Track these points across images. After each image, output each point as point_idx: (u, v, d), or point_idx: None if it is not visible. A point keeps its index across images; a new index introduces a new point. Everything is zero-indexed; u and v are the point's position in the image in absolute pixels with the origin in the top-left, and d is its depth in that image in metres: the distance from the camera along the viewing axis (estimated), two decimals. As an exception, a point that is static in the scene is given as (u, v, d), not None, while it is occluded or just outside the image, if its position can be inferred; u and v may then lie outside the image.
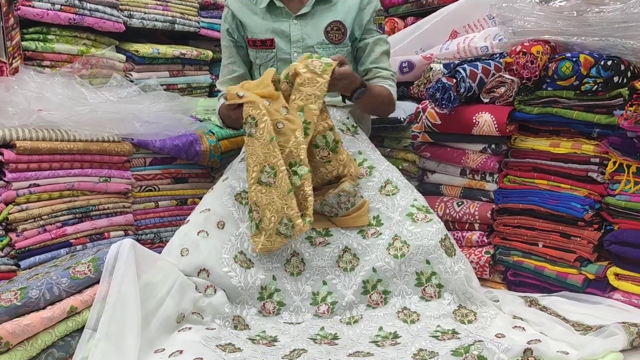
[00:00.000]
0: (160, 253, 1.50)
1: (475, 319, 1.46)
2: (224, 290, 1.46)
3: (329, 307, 1.51)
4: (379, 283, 1.52)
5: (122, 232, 1.88)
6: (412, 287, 1.51)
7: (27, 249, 1.66)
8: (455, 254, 1.54)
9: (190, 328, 1.34)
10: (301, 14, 1.82)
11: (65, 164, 1.75)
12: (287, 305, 1.51)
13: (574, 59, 1.58)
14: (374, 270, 1.52)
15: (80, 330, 1.24)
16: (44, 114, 1.75)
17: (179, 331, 1.34)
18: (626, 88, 1.52)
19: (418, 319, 1.45)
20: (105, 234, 1.85)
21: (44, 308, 1.22)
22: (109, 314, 1.22)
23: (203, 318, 1.40)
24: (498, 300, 1.57)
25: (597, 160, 1.60)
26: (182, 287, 1.38)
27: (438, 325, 1.42)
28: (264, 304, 1.50)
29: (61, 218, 1.74)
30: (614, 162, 1.55)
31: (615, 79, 1.54)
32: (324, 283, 1.55)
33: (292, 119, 1.51)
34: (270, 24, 1.83)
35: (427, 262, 1.51)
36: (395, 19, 2.64)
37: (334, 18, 1.82)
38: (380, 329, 1.43)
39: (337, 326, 1.46)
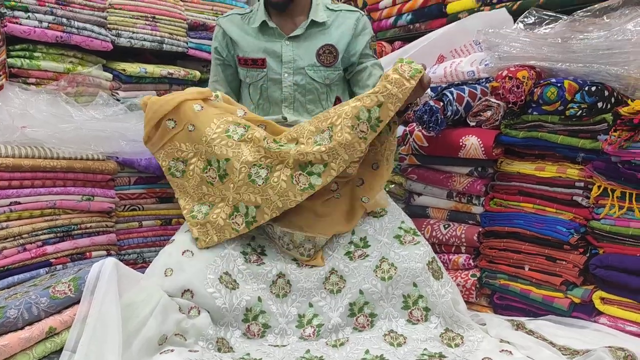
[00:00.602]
0: (143, 273, 1.47)
1: (462, 342, 1.44)
2: (208, 312, 1.43)
3: (314, 330, 1.48)
4: (366, 305, 1.50)
5: (104, 252, 1.85)
6: (399, 310, 1.50)
7: (5, 268, 1.62)
8: (442, 277, 1.54)
9: (172, 350, 1.31)
10: (294, 36, 1.84)
11: (48, 181, 1.72)
12: (272, 328, 1.48)
13: (559, 85, 1.61)
14: (360, 292, 1.50)
15: (59, 352, 1.20)
16: (28, 130, 1.72)
17: (160, 353, 1.30)
18: (610, 113, 1.54)
19: (405, 342, 1.43)
20: (87, 253, 1.80)
21: (22, 328, 1.18)
22: (89, 334, 1.18)
23: (186, 340, 1.36)
24: (485, 324, 1.56)
25: (582, 184, 1.61)
26: (165, 307, 1.35)
27: (425, 349, 1.41)
28: (248, 326, 1.47)
29: (42, 237, 1.70)
30: (599, 187, 1.57)
31: (600, 104, 1.56)
32: (310, 305, 1.52)
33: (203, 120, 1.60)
34: (263, 44, 1.85)
35: (414, 285, 1.50)
36: (383, 43, 2.67)
37: (327, 41, 1.84)
38: (367, 352, 1.41)
39: (323, 349, 1.43)
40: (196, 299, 1.43)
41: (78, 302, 1.25)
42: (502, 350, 1.41)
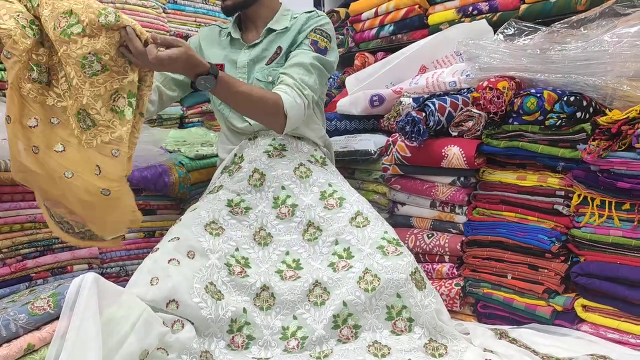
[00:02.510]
0: (125, 287, 1.45)
1: (446, 352, 1.45)
2: (193, 324, 1.42)
3: (299, 342, 1.48)
4: (350, 317, 1.49)
5: (86, 266, 1.83)
6: (383, 321, 1.50)
7: (-15, 283, 1.60)
8: (425, 287, 1.54)
9: None
10: (253, 44, 1.87)
11: (28, 195, 1.69)
12: (256, 340, 1.48)
13: (538, 95, 1.63)
14: (344, 304, 1.50)
15: (37, 369, 1.18)
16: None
17: None
18: (589, 123, 1.56)
19: (389, 353, 1.43)
20: (68, 267, 1.78)
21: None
22: (69, 352, 1.16)
23: (168, 354, 1.35)
24: (468, 333, 1.57)
25: (562, 193, 1.63)
26: (148, 321, 1.32)
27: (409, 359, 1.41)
28: (233, 337, 1.46)
29: (22, 251, 1.67)
30: (579, 195, 1.58)
31: (578, 114, 1.58)
32: (294, 317, 1.52)
33: None
34: (225, 53, 1.89)
35: (398, 295, 1.50)
36: (366, 53, 2.69)
37: (278, 44, 1.85)
38: None
39: None
40: (181, 309, 1.40)
41: (57, 318, 1.23)
42: (486, 359, 1.42)
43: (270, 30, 1.86)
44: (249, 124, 1.82)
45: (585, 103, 1.59)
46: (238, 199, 1.69)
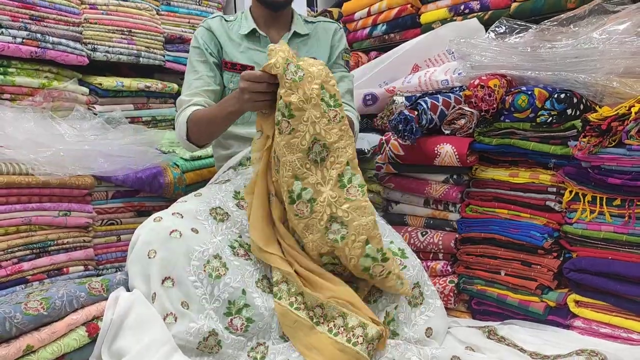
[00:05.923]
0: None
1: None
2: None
3: None
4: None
5: (81, 267, 1.83)
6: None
7: (-19, 286, 1.60)
8: (421, 304, 1.53)
9: None
10: None
11: (23, 197, 1.70)
12: (256, 322, 1.40)
13: (529, 92, 1.64)
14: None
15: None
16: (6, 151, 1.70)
17: None
18: (579, 120, 1.57)
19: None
20: (64, 269, 1.79)
21: (-3, 345, 1.16)
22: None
23: None
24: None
25: (554, 189, 1.64)
26: None
27: None
28: (231, 320, 1.37)
29: (17, 254, 1.68)
30: (570, 191, 1.60)
31: (569, 111, 1.60)
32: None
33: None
34: (248, 52, 1.83)
35: (395, 307, 1.50)
36: (359, 53, 2.70)
37: (309, 54, 1.82)
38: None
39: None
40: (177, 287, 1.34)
41: (54, 321, 1.24)
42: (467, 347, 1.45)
43: (296, 34, 1.86)
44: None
45: (575, 100, 1.60)
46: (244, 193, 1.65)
